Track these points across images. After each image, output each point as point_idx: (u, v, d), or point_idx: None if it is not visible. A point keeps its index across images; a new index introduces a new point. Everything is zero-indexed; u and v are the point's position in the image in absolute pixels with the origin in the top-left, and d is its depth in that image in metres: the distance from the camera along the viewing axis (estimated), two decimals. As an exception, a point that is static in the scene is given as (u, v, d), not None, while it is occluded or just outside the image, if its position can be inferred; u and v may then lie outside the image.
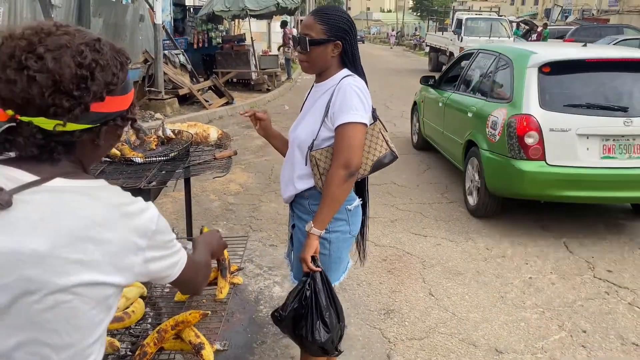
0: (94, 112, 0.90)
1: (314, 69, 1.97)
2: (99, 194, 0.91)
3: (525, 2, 54.56)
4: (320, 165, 1.90)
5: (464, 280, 3.56)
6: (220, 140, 3.02)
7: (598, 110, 4.19)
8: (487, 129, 4.52)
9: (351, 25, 1.92)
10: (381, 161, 2.01)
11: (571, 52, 4.87)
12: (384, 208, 4.95)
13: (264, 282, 3.50)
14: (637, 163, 4.09)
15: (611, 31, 19.03)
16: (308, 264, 1.88)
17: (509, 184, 4.32)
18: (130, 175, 2.46)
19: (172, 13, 14.17)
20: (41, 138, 0.88)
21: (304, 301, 1.88)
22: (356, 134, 1.84)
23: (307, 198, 1.99)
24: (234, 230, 4.37)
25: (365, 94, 1.89)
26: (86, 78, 0.88)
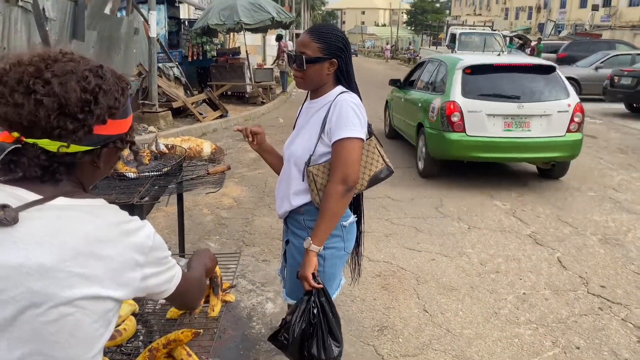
0: (96, 135, 0.96)
1: (309, 86, 1.99)
2: (99, 212, 0.96)
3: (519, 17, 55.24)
4: (318, 180, 1.91)
5: (458, 296, 3.55)
6: (213, 155, 3.01)
7: (500, 98, 5.97)
8: (429, 113, 6.34)
9: (346, 43, 1.94)
10: (377, 176, 2.03)
11: (485, 59, 7.01)
12: (378, 222, 4.94)
13: (257, 298, 3.47)
14: (527, 134, 5.93)
15: (603, 46, 19.26)
16: (310, 282, 1.87)
17: (442, 149, 6.13)
18: (123, 191, 2.44)
19: (166, 26, 14.23)
20: (45, 159, 0.93)
21: (313, 320, 1.86)
22: (353, 149, 1.85)
23: (302, 214, 1.98)
24: (226, 245, 4.35)
25: (361, 109, 1.91)
26: (90, 102, 0.93)
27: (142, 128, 8.96)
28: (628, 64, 14.24)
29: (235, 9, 12.10)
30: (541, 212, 5.30)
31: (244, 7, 12.20)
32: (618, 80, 12.72)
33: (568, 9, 45.90)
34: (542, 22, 41.84)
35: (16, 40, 7.53)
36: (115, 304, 0.96)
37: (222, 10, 12.25)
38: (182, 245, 3.23)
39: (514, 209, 5.41)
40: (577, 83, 15.31)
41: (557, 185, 6.30)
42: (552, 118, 5.94)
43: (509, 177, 6.65)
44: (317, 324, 1.85)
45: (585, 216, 5.19)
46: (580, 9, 43.88)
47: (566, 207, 5.46)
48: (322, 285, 1.90)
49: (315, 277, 1.89)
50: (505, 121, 5.90)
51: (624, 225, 4.96)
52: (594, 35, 27.94)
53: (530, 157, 6.30)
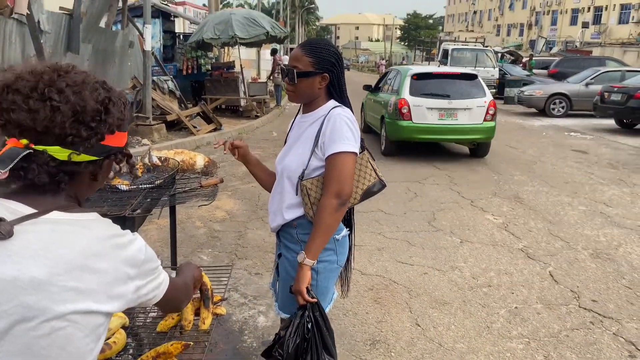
0: (103, 145, 0.99)
1: (300, 99, 2.02)
2: (93, 225, 0.97)
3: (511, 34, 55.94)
4: (311, 194, 1.91)
5: (450, 310, 3.55)
6: (206, 168, 3.02)
7: (436, 96, 8.37)
8: (388, 107, 8.73)
9: (338, 58, 1.96)
10: (370, 190, 2.04)
11: (427, 69, 9.78)
12: (370, 236, 4.95)
13: (249, 311, 3.46)
14: (455, 122, 8.34)
15: (594, 63, 19.54)
16: (304, 296, 1.86)
17: (396, 133, 8.53)
18: (115, 203, 2.44)
19: (161, 40, 14.30)
20: (53, 166, 0.94)
21: (307, 334, 1.85)
22: (347, 163, 1.87)
23: (295, 227, 1.99)
24: (219, 258, 4.34)
25: (354, 124, 1.93)
26: (101, 112, 0.97)
27: (136, 141, 8.95)
28: (618, 80, 14.44)
29: (230, 23, 12.18)
30: (533, 226, 5.32)
31: (239, 21, 12.28)
32: (608, 96, 12.87)
33: (559, 26, 46.59)
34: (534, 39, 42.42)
35: (10, 52, 7.54)
36: (106, 318, 0.97)
37: (217, 25, 12.33)
38: (174, 258, 3.22)
39: (506, 223, 5.44)
40: (567, 99, 15.51)
41: (548, 199, 6.34)
42: (473, 111, 8.36)
43: (501, 192, 6.69)
44: (312, 338, 1.85)
45: (576, 230, 5.23)
46: (571, 26, 44.57)
47: (558, 222, 5.49)
48: (316, 299, 1.89)
49: (309, 292, 1.88)
50: (440, 112, 8.35)
51: (615, 239, 4.99)
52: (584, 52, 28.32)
53: (457, 138, 8.85)
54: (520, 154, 9.50)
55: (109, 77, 10.38)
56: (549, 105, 15.59)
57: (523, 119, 15.14)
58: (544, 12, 46.93)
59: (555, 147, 10.28)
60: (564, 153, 9.66)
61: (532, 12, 50.57)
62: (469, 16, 69.40)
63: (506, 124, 14.03)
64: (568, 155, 9.40)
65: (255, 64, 21.31)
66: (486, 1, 64.04)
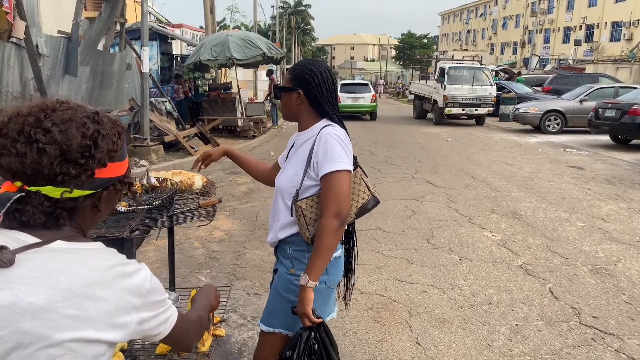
0: (97, 179, 0.98)
1: (286, 116, 2.10)
2: (96, 254, 0.97)
3: (504, 52, 56.56)
4: (307, 215, 1.92)
5: (451, 328, 3.53)
6: (205, 188, 3.02)
7: (350, 92, 20.80)
8: None
9: (315, 75, 1.96)
10: (365, 207, 2.05)
11: (345, 81, 24.57)
12: (369, 254, 4.93)
13: (248, 332, 3.43)
14: (358, 103, 20.79)
15: (587, 80, 19.73)
16: (310, 318, 1.85)
17: None
18: (113, 224, 2.43)
19: (159, 61, 14.40)
20: (48, 205, 0.94)
21: (314, 356, 1.85)
22: (343, 182, 1.87)
23: (289, 244, 2.00)
24: (217, 278, 4.31)
25: (346, 142, 1.94)
26: (90, 147, 0.96)
27: (134, 162, 8.96)
28: (611, 96, 14.57)
29: (227, 45, 12.30)
30: (531, 243, 5.32)
31: (236, 43, 12.41)
32: (602, 113, 12.98)
33: (552, 44, 47.16)
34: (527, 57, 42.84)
35: (9, 76, 7.59)
36: (108, 348, 0.95)
37: (214, 46, 12.45)
38: (172, 279, 3.20)
39: (504, 239, 5.43)
40: (562, 115, 15.62)
41: (546, 215, 6.35)
42: (366, 98, 20.64)
43: (498, 209, 6.70)
44: (319, 358, 1.85)
45: (575, 246, 5.22)
46: (564, 44, 45.12)
47: (556, 238, 5.49)
48: (321, 319, 1.89)
49: (314, 312, 1.87)
50: (352, 99, 20.46)
51: (614, 255, 4.99)
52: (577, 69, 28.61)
53: (360, 111, 20.79)
54: (517, 170, 9.53)
55: (106, 99, 10.45)
56: (544, 122, 15.70)
57: (519, 136, 15.22)
58: (537, 30, 47.49)
59: (552, 164, 10.33)
60: (560, 169, 9.70)
61: (525, 30, 51.21)
62: (462, 35, 70.24)
63: (502, 141, 14.11)
64: (565, 172, 9.43)
65: (252, 85, 21.46)
66: (479, 20, 64.90)
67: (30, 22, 7.66)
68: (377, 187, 7.90)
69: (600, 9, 40.89)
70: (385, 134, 14.87)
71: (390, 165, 10.03)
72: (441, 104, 18.06)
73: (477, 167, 9.78)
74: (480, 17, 64.68)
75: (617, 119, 12.44)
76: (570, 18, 45.03)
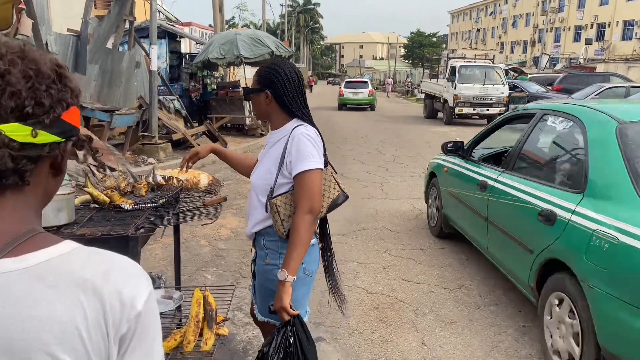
0: (64, 121, 0.80)
1: (259, 116, 2.23)
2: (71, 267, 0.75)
3: (514, 51, 56.21)
4: (281, 211, 2.03)
5: (457, 329, 3.50)
6: (210, 187, 3.01)
7: (352, 88, 26.33)
8: None
9: (279, 76, 2.04)
10: (335, 202, 2.16)
11: (350, 79, 31.32)
12: (376, 254, 4.92)
13: (253, 331, 3.42)
14: (359, 97, 25.96)
15: (598, 79, 19.54)
16: (288, 311, 1.90)
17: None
18: (119, 222, 2.43)
19: (168, 60, 14.45)
20: (16, 147, 0.75)
21: (289, 349, 1.89)
22: (315, 180, 1.99)
23: (263, 235, 2.13)
24: (223, 277, 4.31)
25: (317, 141, 2.05)
26: (61, 76, 0.81)
27: (142, 159, 9.00)
28: (622, 96, 14.42)
29: (235, 43, 12.32)
30: (540, 244, 5.27)
31: (244, 41, 12.42)
32: (613, 112, 12.83)
33: (562, 43, 46.79)
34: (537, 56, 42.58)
35: (18, 73, 7.64)
36: None
37: (222, 45, 12.47)
38: (178, 278, 3.19)
39: (512, 240, 5.38)
40: (573, 115, 15.47)
41: (555, 216, 6.29)
42: (365, 92, 25.61)
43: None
44: (293, 352, 1.89)
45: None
46: (574, 42, 44.75)
47: (565, 238, 5.43)
48: (297, 311, 1.94)
49: (291, 306, 1.93)
50: (352, 92, 25.91)
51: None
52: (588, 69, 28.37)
53: (360, 103, 25.87)
54: (526, 170, 9.45)
55: (115, 97, 10.50)
56: (554, 122, 15.56)
57: (528, 136, 15.10)
58: (547, 29, 47.16)
59: (561, 163, 10.23)
60: (570, 169, 9.61)
61: (535, 29, 50.86)
62: (472, 34, 69.89)
63: (511, 140, 14.02)
64: (574, 172, 9.34)
65: (260, 83, 21.48)
66: (489, 19, 64.55)
67: (40, 20, 7.71)
68: (384, 186, 7.88)
69: (612, 7, 40.49)
70: (394, 133, 14.82)
71: (398, 164, 10.00)
72: (452, 104, 17.66)
73: (485, 167, 9.71)
74: (490, 16, 64.31)
75: (628, 118, 12.29)
76: (582, 16, 44.65)
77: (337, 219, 6.03)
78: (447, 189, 5.09)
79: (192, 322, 1.62)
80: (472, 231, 4.50)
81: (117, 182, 2.87)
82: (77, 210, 2.63)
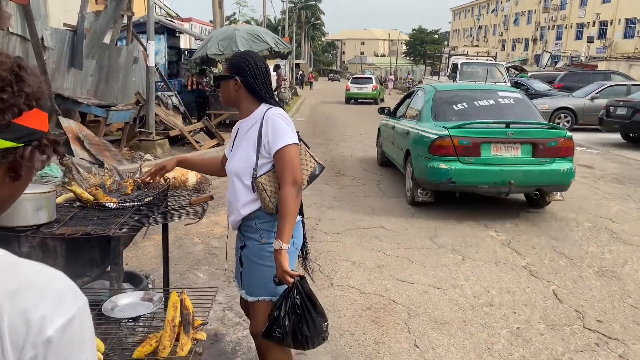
0: (22, 125, 0.76)
1: (226, 102, 2.31)
2: None
3: (516, 48, 56.02)
4: (267, 188, 2.15)
5: (450, 330, 3.45)
6: (198, 185, 2.97)
7: (357, 84, 28.79)
8: None
9: (249, 64, 2.18)
10: (313, 174, 2.31)
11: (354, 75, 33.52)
12: (370, 253, 4.86)
13: (243, 332, 3.37)
14: (362, 91, 28.37)
15: (599, 77, 19.43)
16: (291, 273, 2.07)
17: None
18: (101, 221, 2.38)
19: (166, 55, 14.38)
20: None
21: (299, 309, 2.06)
22: (293, 153, 2.14)
23: (253, 219, 2.23)
24: (215, 275, 4.26)
25: (288, 119, 2.21)
26: (20, 78, 0.77)
27: (139, 156, 8.94)
28: (623, 94, 14.34)
29: (234, 39, 12.24)
30: (536, 243, 5.22)
31: (243, 37, 12.35)
32: (614, 111, 12.77)
33: (564, 41, 46.61)
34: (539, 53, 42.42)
35: (13, 68, 7.58)
36: None
37: (220, 41, 12.39)
38: (166, 278, 3.15)
39: (509, 239, 5.33)
40: (573, 113, 15.41)
41: (553, 215, 6.24)
42: (369, 88, 27.90)
43: (503, 207, 6.59)
44: (303, 309, 2.06)
45: (581, 247, 5.11)
46: (576, 40, 44.57)
47: (562, 238, 5.38)
48: (299, 272, 2.12)
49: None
50: (357, 87, 28.23)
51: (621, 257, 4.88)
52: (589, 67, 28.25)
53: (364, 96, 28.05)
54: (524, 168, 9.38)
55: (112, 92, 10.44)
56: (554, 120, 15.49)
57: (528, 134, 15.04)
58: (549, 27, 46.99)
59: (561, 162, 10.17)
60: (569, 168, 9.54)
61: (537, 27, 50.66)
62: (474, 31, 69.66)
63: (511, 138, 13.94)
64: (573, 170, 9.28)
65: (260, 79, 21.41)
66: (491, 16, 64.31)
67: (35, 14, 7.64)
68: (380, 184, 7.82)
69: (614, 5, 40.29)
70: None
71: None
72: None
73: (484, 165, 9.65)
74: (492, 13, 64.09)
75: (628, 117, 12.23)
76: (584, 14, 44.45)
77: (332, 217, 5.98)
78: (383, 134, 8.93)
79: (167, 327, 1.57)
80: (389, 151, 8.27)
81: (103, 179, 2.82)
82: (60, 208, 2.58)
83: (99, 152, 7.66)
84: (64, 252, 2.32)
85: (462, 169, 5.76)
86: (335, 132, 14.24)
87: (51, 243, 2.29)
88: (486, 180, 5.79)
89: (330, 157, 10.09)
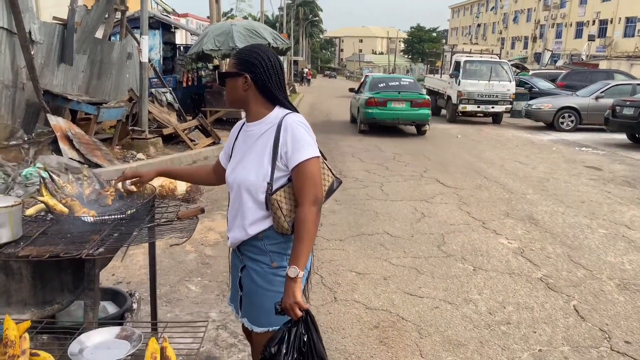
0: None
1: (231, 103, 2.00)
2: None
3: (515, 47, 55.75)
4: (283, 207, 1.88)
5: (466, 353, 3.14)
6: (189, 194, 2.65)
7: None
8: None
9: (262, 60, 1.89)
10: (331, 188, 2.05)
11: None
12: (375, 262, 4.55)
13: (239, 354, 3.05)
14: None
15: (602, 76, 19.16)
16: (302, 306, 1.79)
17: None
18: (75, 239, 2.06)
19: (161, 51, 14.02)
20: None
21: (303, 348, 1.81)
22: (316, 168, 1.88)
23: (261, 239, 1.94)
24: (208, 288, 3.94)
25: (309, 127, 1.93)
26: None
27: (131, 155, 8.60)
28: (629, 93, 14.06)
29: (231, 34, 11.89)
30: (551, 252, 4.91)
31: (240, 32, 12.00)
32: (620, 111, 12.48)
33: (564, 39, 46.33)
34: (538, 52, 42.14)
35: (0, 63, 7.23)
36: None
37: (217, 36, 12.04)
38: (153, 296, 2.81)
39: (521, 247, 5.03)
40: (577, 113, 15.11)
41: (565, 221, 5.93)
42: None
43: (513, 212, 6.28)
44: (308, 351, 1.80)
45: (599, 257, 4.81)
46: (576, 39, 44.29)
47: (577, 246, 5.08)
48: (308, 305, 1.85)
49: None
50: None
51: (642, 267, 4.58)
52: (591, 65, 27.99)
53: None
54: (530, 170, 9.10)
55: (105, 88, 10.09)
56: (558, 119, 15.22)
57: (531, 133, 14.75)
58: (549, 25, 46.66)
59: (567, 163, 9.88)
60: (576, 169, 9.26)
61: (536, 25, 50.34)
62: (472, 29, 69.31)
63: (514, 138, 13.66)
64: (581, 172, 8.99)
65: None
66: (490, 14, 63.95)
67: (22, 7, 7.29)
68: (384, 186, 7.51)
69: (614, 3, 40.00)
70: (393, 130, 14.41)
71: (398, 162, 9.62)
72: (455, 101, 16.75)
73: (488, 166, 9.35)
74: (491, 11, 63.73)
75: (635, 117, 11.95)
76: (584, 13, 44.14)
77: (335, 222, 5.66)
78: (352, 103, 15.84)
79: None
80: (354, 111, 15.08)
81: (82, 188, 2.49)
82: (29, 222, 2.26)
83: (89, 151, 7.32)
84: (30, 275, 1.99)
85: (379, 112, 13.04)
86: (334, 131, 13.93)
87: (15, 265, 1.97)
88: (389, 117, 13.13)
89: (330, 157, 9.77)
